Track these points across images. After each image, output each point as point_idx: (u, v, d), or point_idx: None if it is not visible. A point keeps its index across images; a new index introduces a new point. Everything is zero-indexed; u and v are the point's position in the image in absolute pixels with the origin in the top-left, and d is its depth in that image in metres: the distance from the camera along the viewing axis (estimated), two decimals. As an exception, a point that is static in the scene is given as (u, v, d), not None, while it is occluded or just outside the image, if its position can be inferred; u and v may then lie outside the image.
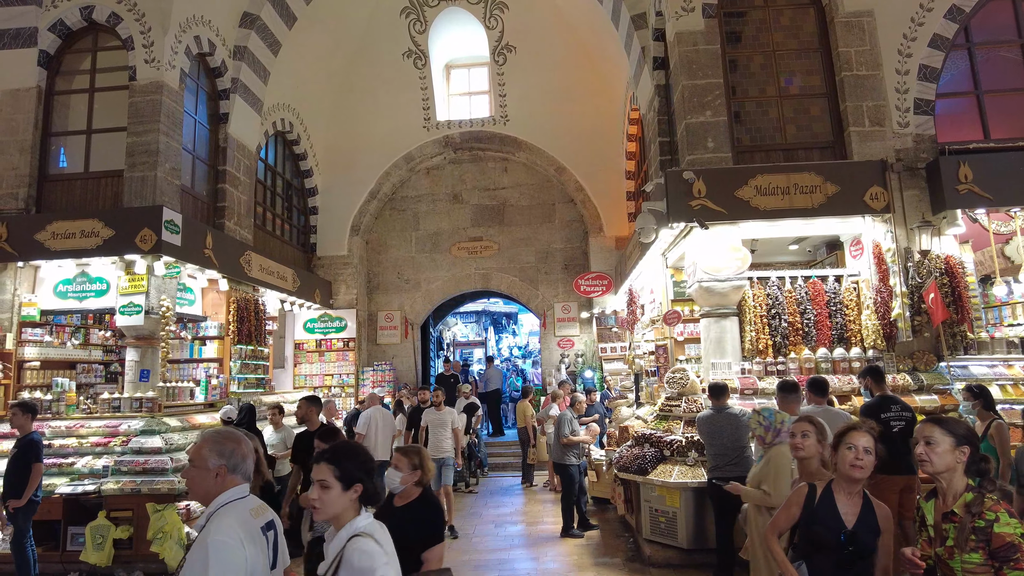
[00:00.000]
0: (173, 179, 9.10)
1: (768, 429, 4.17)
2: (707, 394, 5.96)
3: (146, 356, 8.41)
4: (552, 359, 14.48)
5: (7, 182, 8.91)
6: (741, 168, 7.54)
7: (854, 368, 7.10)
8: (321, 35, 12.44)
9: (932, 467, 2.64)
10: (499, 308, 23.27)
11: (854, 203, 7.34)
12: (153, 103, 8.89)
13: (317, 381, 13.70)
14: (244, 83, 10.83)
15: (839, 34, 7.97)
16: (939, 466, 2.62)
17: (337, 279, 14.36)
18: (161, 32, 8.95)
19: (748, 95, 8.23)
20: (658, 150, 9.29)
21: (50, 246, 8.22)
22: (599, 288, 13.34)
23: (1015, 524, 2.40)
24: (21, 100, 9.09)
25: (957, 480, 2.61)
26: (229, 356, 9.88)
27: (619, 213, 13.91)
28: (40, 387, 8.48)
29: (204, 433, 2.51)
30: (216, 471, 2.42)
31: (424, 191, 15.20)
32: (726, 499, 5.40)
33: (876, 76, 7.88)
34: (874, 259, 7.41)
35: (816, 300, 7.54)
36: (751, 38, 8.35)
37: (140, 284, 8.26)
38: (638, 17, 9.59)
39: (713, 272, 7.25)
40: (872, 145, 7.71)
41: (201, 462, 2.43)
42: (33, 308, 8.77)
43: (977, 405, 5.35)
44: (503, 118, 14.28)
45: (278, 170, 13.24)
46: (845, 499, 2.97)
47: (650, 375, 9.53)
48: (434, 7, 13.15)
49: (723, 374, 7.14)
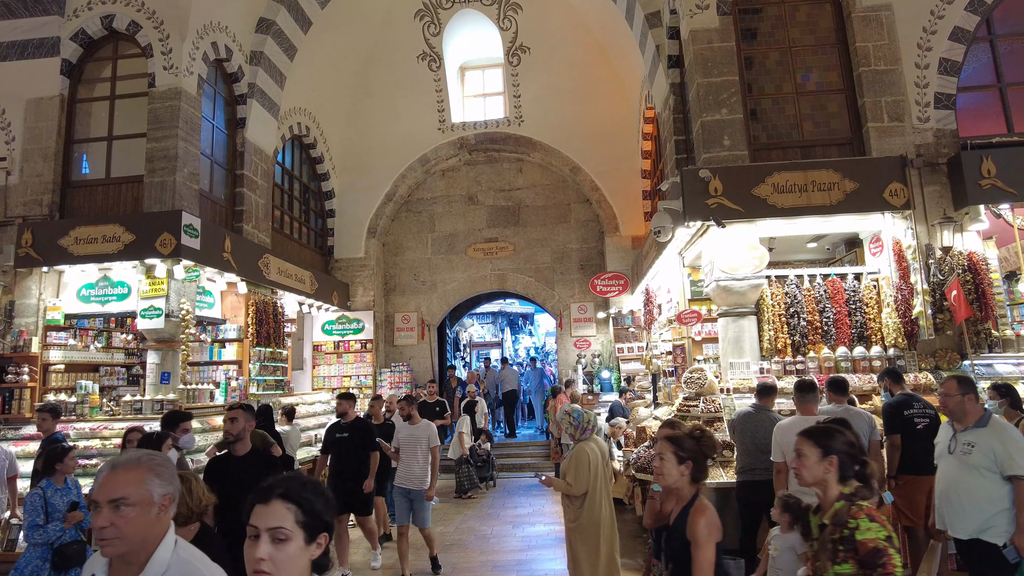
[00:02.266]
0: (192, 184, 9.22)
1: (577, 427, 4.53)
2: (754, 393, 5.89)
3: (167, 359, 8.53)
4: (569, 359, 14.45)
5: (32, 189, 9.08)
6: (758, 166, 7.47)
7: (874, 367, 7.02)
8: (336, 39, 12.52)
9: (803, 480, 2.68)
10: (515, 309, 23.30)
11: (873, 200, 7.23)
12: (172, 109, 9.01)
13: (335, 383, 13.78)
14: (261, 88, 10.94)
15: (857, 29, 7.87)
16: (808, 479, 2.68)
17: (354, 281, 14.45)
18: (179, 39, 9.07)
19: (764, 92, 8.16)
20: (674, 148, 9.24)
21: (73, 251, 8.35)
22: (615, 288, 13.28)
23: (877, 528, 2.36)
24: (45, 108, 9.26)
25: (831, 490, 2.61)
26: (248, 358, 9.98)
27: (635, 212, 13.85)
28: (65, 389, 8.63)
29: (116, 459, 1.86)
30: (159, 504, 1.80)
31: (439, 193, 15.25)
32: (752, 500, 5.37)
33: (895, 71, 7.77)
34: (894, 256, 7.31)
35: (835, 298, 7.45)
36: (767, 34, 8.28)
37: (160, 288, 8.37)
38: (652, 15, 9.55)
39: (731, 271, 7.19)
40: (891, 141, 7.60)
41: (141, 496, 1.76)
42: (57, 312, 8.92)
43: (1004, 404, 5.25)
44: (518, 119, 14.29)
45: (295, 174, 13.36)
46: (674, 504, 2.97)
47: (668, 375, 9.48)
48: (448, 9, 13.19)
49: (741, 374, 7.08)
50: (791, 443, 4.43)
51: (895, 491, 5.14)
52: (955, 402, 3.93)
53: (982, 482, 3.67)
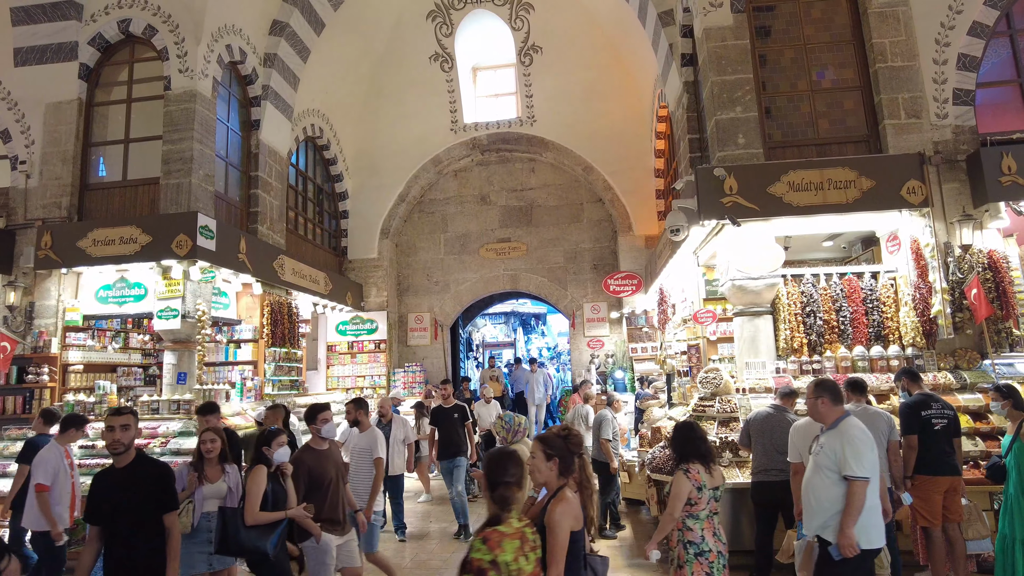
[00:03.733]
0: (207, 185, 9.30)
1: (508, 431, 4.64)
2: (775, 395, 5.85)
3: (183, 359, 8.61)
4: (582, 360, 14.42)
5: (51, 192, 9.20)
6: (773, 164, 7.42)
7: (892, 367, 6.94)
8: (349, 41, 12.58)
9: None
10: (528, 309, 23.30)
11: (890, 198, 7.15)
12: (187, 111, 9.09)
13: (349, 382, 13.86)
14: (275, 90, 11.01)
15: (873, 25, 7.79)
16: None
17: (368, 282, 14.51)
18: (194, 42, 9.15)
19: (779, 90, 8.10)
20: (688, 147, 9.19)
21: (91, 253, 8.45)
22: (629, 288, 13.24)
23: (484, 551, 2.52)
24: (63, 112, 9.38)
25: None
26: (263, 359, 10.05)
27: (648, 212, 13.79)
28: (83, 390, 8.73)
29: None
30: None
31: (452, 193, 15.28)
32: (768, 500, 5.33)
33: (912, 67, 7.68)
34: (912, 255, 7.23)
35: (852, 297, 7.38)
36: (781, 32, 8.22)
37: (176, 289, 8.45)
38: (665, 14, 9.51)
39: (746, 270, 7.14)
40: (909, 138, 7.52)
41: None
42: (76, 313, 9.04)
43: (1007, 405, 5.20)
44: (530, 119, 14.28)
45: (309, 175, 13.44)
46: None
47: (682, 375, 9.43)
48: (460, 10, 13.21)
49: (757, 374, 7.03)
50: (806, 444, 4.43)
51: (911, 492, 5.09)
52: (810, 404, 4.06)
53: (825, 482, 3.77)
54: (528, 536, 2.64)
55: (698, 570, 3.87)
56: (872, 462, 3.70)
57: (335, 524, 4.50)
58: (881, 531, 3.77)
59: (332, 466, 4.56)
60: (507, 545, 2.54)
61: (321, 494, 4.44)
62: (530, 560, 2.59)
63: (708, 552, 3.91)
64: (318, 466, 4.49)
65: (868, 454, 3.70)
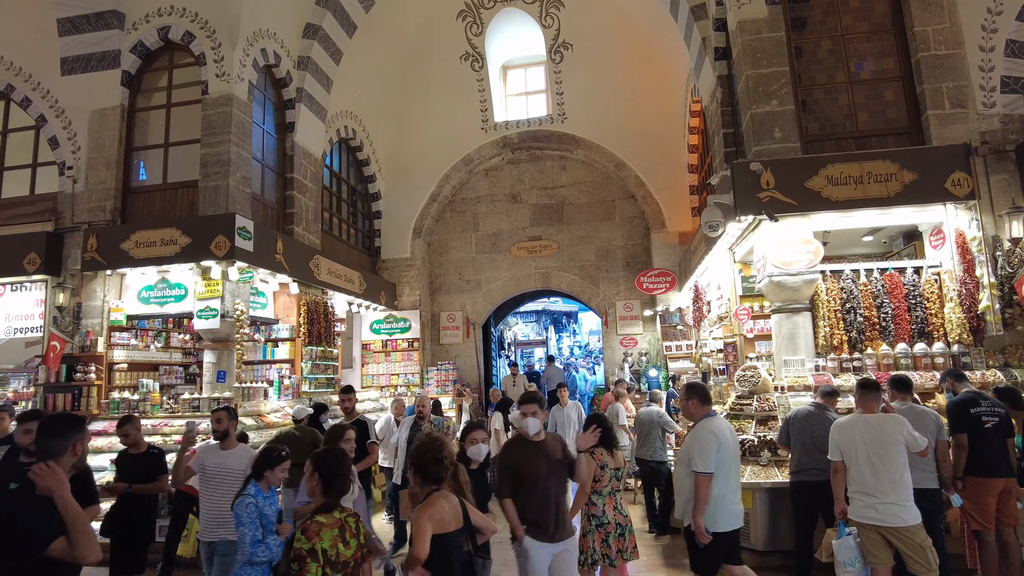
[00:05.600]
0: (244, 187, 9.47)
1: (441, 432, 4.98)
2: (817, 394, 5.76)
3: (222, 358, 8.78)
4: (615, 358, 14.32)
5: (96, 196, 9.48)
6: (811, 158, 7.26)
7: (937, 364, 6.75)
8: (380, 42, 12.70)
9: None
10: (559, 307, 23.24)
11: (934, 190, 6.94)
12: (224, 115, 9.27)
13: (384, 380, 14.01)
14: (309, 92, 11.17)
15: (915, 13, 7.58)
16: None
17: (401, 281, 14.64)
18: (230, 47, 9.34)
19: (816, 82, 7.93)
20: (722, 142, 9.06)
21: (134, 254, 8.66)
22: (662, 285, 13.11)
23: (303, 540, 2.81)
24: (107, 119, 9.65)
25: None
26: (300, 357, 10.20)
27: (682, 208, 13.64)
28: (128, 387, 8.99)
29: None
30: None
31: (483, 192, 15.31)
32: (807, 500, 5.24)
33: (957, 55, 7.45)
34: (957, 249, 7.00)
35: (894, 293, 7.19)
36: (818, 23, 8.04)
37: (216, 289, 8.62)
38: (698, 8, 9.38)
39: (784, 266, 7.00)
40: (953, 128, 7.29)
41: None
42: (120, 313, 9.30)
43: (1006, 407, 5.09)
44: (560, 116, 14.24)
45: (343, 176, 13.61)
46: None
47: (718, 373, 9.31)
48: (490, 8, 13.23)
49: (796, 371, 6.90)
50: (850, 442, 4.35)
51: (961, 493, 4.94)
52: (682, 405, 4.55)
53: (682, 472, 4.32)
54: (350, 525, 2.99)
55: (596, 538, 4.59)
56: (718, 460, 4.15)
57: (540, 528, 4.03)
58: (731, 517, 4.22)
59: (544, 462, 4.11)
60: (325, 534, 2.86)
61: (526, 492, 4.06)
62: (351, 546, 2.94)
63: (607, 524, 4.61)
64: (525, 460, 4.09)
65: (712, 452, 4.13)
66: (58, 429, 2.91)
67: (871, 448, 4.31)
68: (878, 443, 4.30)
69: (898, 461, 4.25)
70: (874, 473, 4.26)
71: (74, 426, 2.99)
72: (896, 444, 4.28)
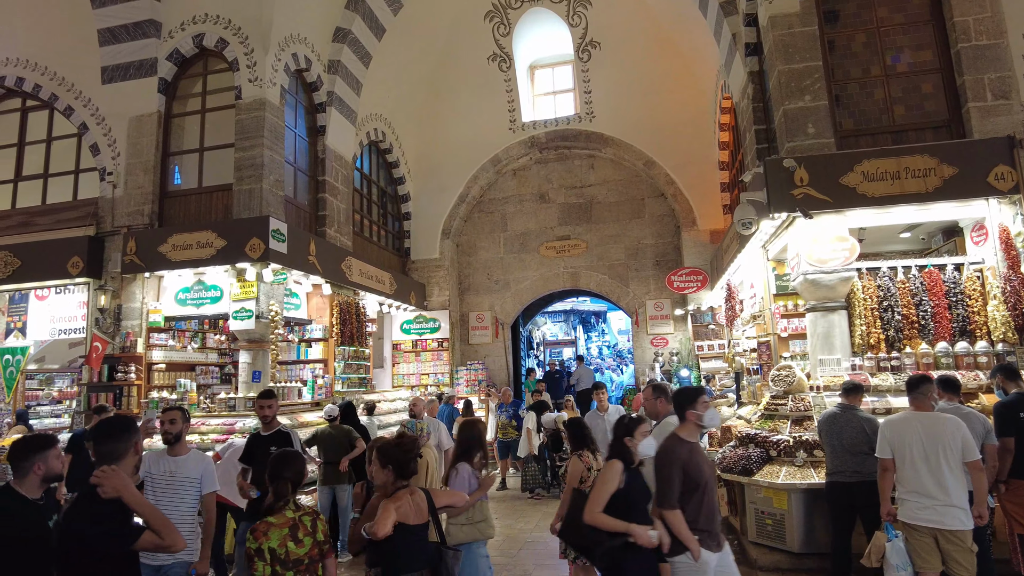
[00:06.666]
0: (277, 190, 9.63)
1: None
2: (841, 392, 5.65)
3: (257, 358, 8.94)
4: (645, 358, 14.22)
5: (135, 200, 9.73)
6: (846, 153, 7.11)
7: (979, 363, 6.55)
8: (408, 44, 12.80)
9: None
10: (587, 307, 23.16)
11: (976, 185, 6.74)
12: (257, 120, 9.44)
13: (414, 380, 14.13)
14: (339, 96, 11.32)
15: (954, 3, 7.37)
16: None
17: (430, 281, 14.74)
18: (263, 52, 9.50)
19: (850, 77, 7.77)
20: (754, 138, 8.93)
21: (171, 257, 8.86)
22: (693, 284, 12.98)
23: (251, 540, 2.90)
24: (145, 125, 9.91)
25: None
26: (333, 357, 10.34)
27: (713, 205, 13.48)
28: (166, 387, 9.22)
29: None
30: None
31: (511, 192, 15.33)
32: (842, 502, 5.13)
33: (999, 45, 7.23)
34: (1001, 245, 6.79)
35: (933, 291, 7.00)
36: (851, 16, 7.88)
37: (250, 290, 8.79)
38: (727, 3, 9.26)
39: (819, 264, 6.88)
40: (996, 121, 7.08)
41: None
42: (158, 315, 9.54)
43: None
44: (588, 115, 14.19)
45: (372, 178, 13.75)
46: None
47: (752, 373, 9.18)
48: (517, 9, 13.24)
49: (832, 371, 6.77)
50: (904, 440, 4.23)
51: (1006, 496, 4.79)
52: (650, 404, 4.72)
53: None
54: (305, 523, 3.04)
55: None
56: None
57: (712, 537, 3.62)
58: None
59: (707, 464, 3.77)
60: (273, 534, 2.93)
61: (696, 498, 3.60)
62: (304, 544, 2.99)
63: None
64: (692, 462, 3.62)
65: None
66: (118, 432, 3.04)
67: (928, 447, 4.19)
68: (937, 442, 4.18)
69: (959, 461, 4.14)
70: (932, 473, 4.14)
71: (130, 427, 3.12)
72: (955, 443, 4.17)
